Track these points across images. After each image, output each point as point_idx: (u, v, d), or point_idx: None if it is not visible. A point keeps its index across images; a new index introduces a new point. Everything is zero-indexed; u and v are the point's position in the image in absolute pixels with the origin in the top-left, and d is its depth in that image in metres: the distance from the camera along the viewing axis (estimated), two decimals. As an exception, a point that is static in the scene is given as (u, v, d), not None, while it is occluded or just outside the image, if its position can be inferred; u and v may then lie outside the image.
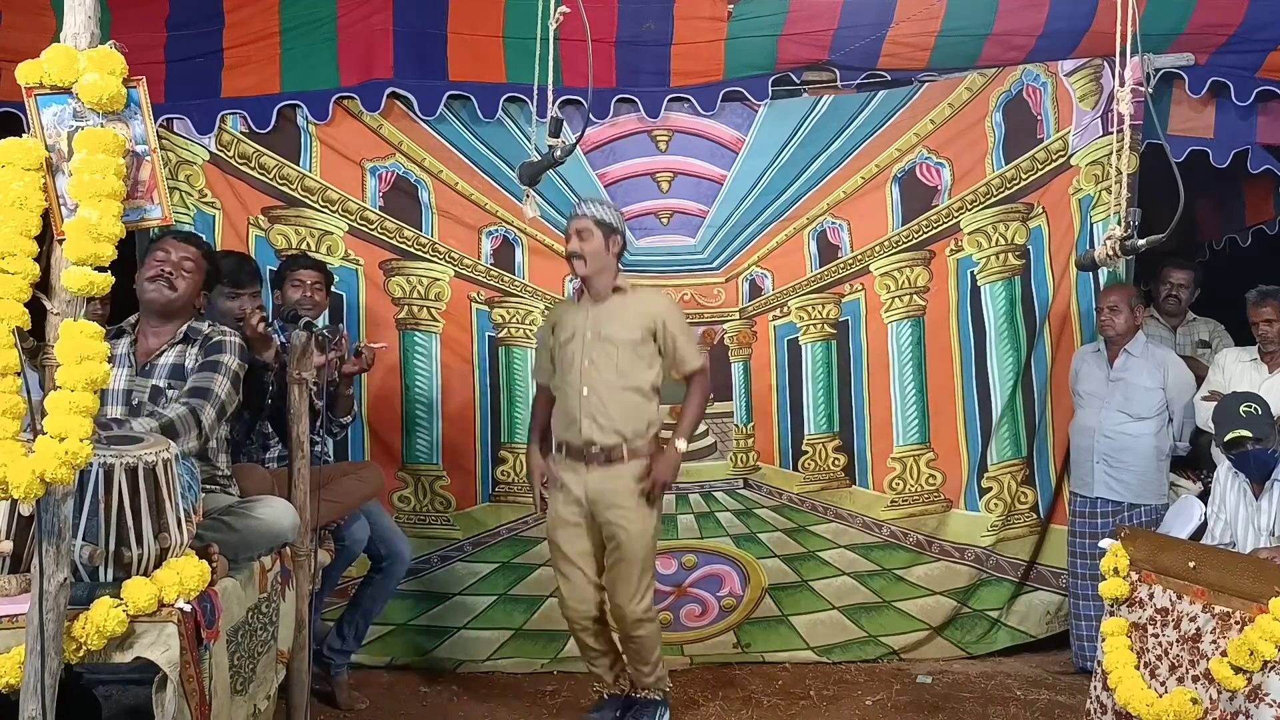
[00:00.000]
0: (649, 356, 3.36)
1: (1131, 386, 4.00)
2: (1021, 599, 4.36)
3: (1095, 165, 4.20)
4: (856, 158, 4.23)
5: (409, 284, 4.18)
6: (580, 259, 3.31)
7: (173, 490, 2.19)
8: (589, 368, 3.31)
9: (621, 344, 3.31)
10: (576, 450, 3.34)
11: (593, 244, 3.30)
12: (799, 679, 4.07)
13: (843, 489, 4.31)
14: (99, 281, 1.89)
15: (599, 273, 3.35)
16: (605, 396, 3.30)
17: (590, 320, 3.35)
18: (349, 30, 3.94)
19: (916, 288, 4.29)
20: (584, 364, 3.32)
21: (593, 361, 3.31)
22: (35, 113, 1.93)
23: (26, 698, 1.86)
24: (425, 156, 4.13)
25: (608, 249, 3.34)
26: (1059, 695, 3.88)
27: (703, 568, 4.28)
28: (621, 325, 3.33)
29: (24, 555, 2.03)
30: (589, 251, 3.30)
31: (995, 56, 4.16)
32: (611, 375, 3.30)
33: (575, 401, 3.33)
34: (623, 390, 3.31)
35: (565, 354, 3.37)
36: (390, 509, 4.07)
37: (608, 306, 3.37)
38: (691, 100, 4.14)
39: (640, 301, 3.41)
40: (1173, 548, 2.97)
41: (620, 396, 3.30)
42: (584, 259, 3.31)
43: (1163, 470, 4.04)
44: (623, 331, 3.32)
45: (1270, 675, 2.53)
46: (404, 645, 4.14)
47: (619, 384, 3.30)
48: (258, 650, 2.56)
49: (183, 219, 3.94)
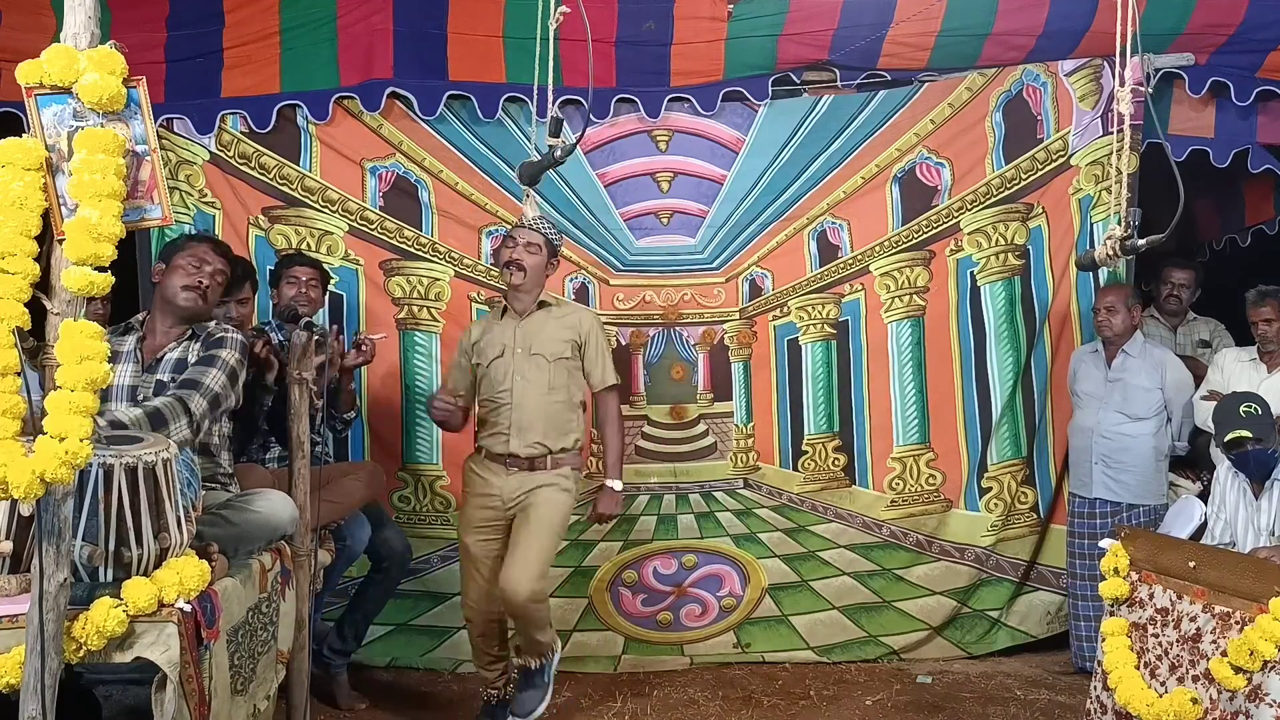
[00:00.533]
0: (575, 370, 3.43)
1: (1129, 387, 4.00)
2: (1022, 599, 4.36)
3: (1095, 165, 4.20)
4: (856, 158, 4.23)
5: (409, 284, 4.18)
6: (521, 270, 3.34)
7: (172, 490, 2.19)
8: (520, 383, 3.35)
9: (552, 359, 3.37)
10: (499, 457, 3.38)
11: (537, 260, 3.37)
12: (799, 679, 4.07)
13: (843, 489, 4.31)
14: (99, 281, 1.89)
15: (531, 289, 3.40)
16: (534, 411, 3.34)
17: (519, 336, 3.39)
18: (349, 30, 3.94)
19: (916, 288, 4.29)
20: (515, 380, 3.35)
21: (524, 377, 3.35)
22: (35, 113, 1.92)
23: (26, 698, 1.86)
24: (425, 156, 4.13)
25: (545, 269, 3.44)
26: (1059, 695, 3.87)
27: (703, 568, 4.28)
28: (550, 340, 3.38)
29: (24, 555, 2.03)
30: (531, 265, 3.35)
31: (995, 56, 4.16)
32: (542, 390, 3.35)
33: (505, 415, 3.37)
34: (552, 404, 3.36)
35: (493, 369, 3.40)
36: (390, 509, 4.07)
37: (535, 321, 3.41)
38: (691, 100, 4.14)
39: (565, 316, 3.46)
40: (1173, 548, 2.97)
41: (549, 410, 3.36)
42: (525, 271, 3.35)
43: (1161, 470, 4.04)
44: (551, 346, 3.37)
45: (1270, 675, 2.53)
46: (404, 645, 4.14)
47: (549, 399, 3.35)
48: (258, 650, 2.56)
49: (183, 219, 3.95)
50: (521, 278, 3.35)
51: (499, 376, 3.39)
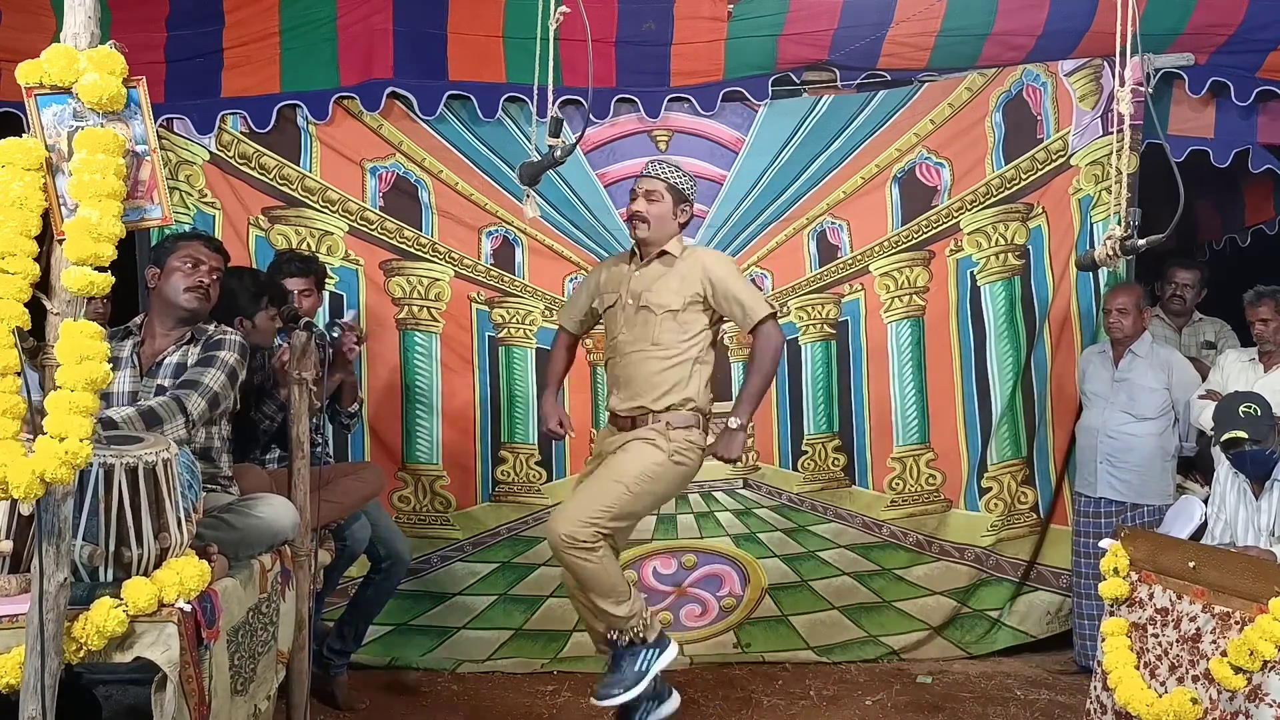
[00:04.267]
0: (693, 323, 3.11)
1: (1136, 387, 4.00)
2: (1021, 599, 4.37)
3: (1095, 165, 4.20)
4: (856, 158, 4.23)
5: (409, 284, 4.18)
6: (644, 222, 3.11)
7: (173, 490, 2.19)
8: (624, 337, 3.14)
9: (659, 312, 3.09)
10: (614, 418, 3.20)
11: (660, 208, 3.12)
12: (799, 679, 4.07)
13: (842, 489, 4.32)
14: (99, 281, 1.89)
15: (659, 239, 3.15)
16: (635, 368, 3.11)
17: (631, 287, 3.16)
18: (349, 30, 3.94)
19: (916, 288, 4.29)
20: (621, 333, 3.16)
21: (630, 330, 3.13)
22: (35, 113, 1.92)
23: (26, 698, 1.85)
24: (425, 156, 4.13)
25: (675, 215, 3.15)
26: (1059, 695, 3.88)
27: (703, 568, 4.28)
28: (662, 292, 3.10)
29: (24, 555, 2.03)
30: (655, 215, 3.11)
31: (995, 56, 4.16)
32: (645, 346, 3.10)
33: (612, 368, 3.20)
34: (656, 361, 3.08)
35: (608, 318, 3.23)
36: (390, 509, 4.08)
37: (650, 273, 3.16)
38: (691, 100, 4.14)
39: (683, 265, 3.14)
40: (1173, 548, 2.97)
41: (652, 368, 3.09)
42: (648, 222, 3.11)
43: (1167, 471, 4.04)
44: (662, 297, 3.09)
45: (1270, 675, 2.53)
46: (404, 645, 4.14)
47: (652, 355, 3.09)
48: (258, 650, 2.56)
49: (183, 219, 3.95)
50: (646, 229, 3.12)
51: (612, 327, 3.20)
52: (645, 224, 3.12)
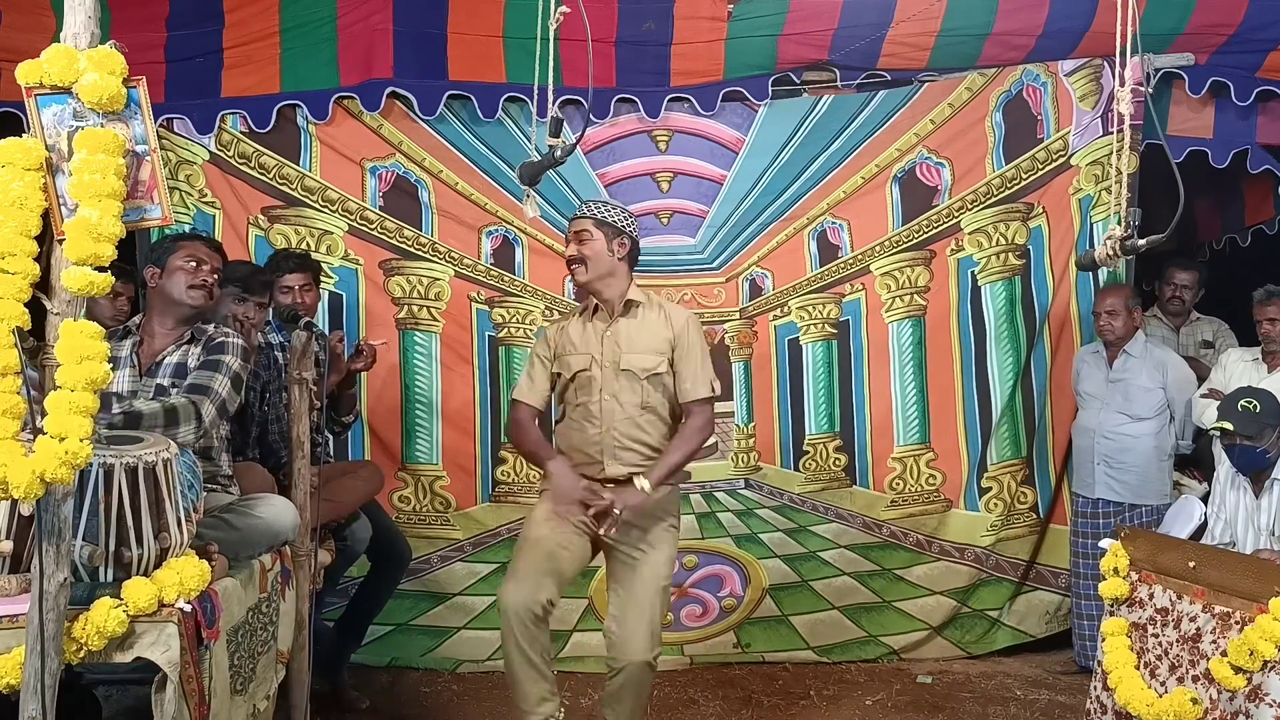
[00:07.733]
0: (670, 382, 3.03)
1: (1131, 387, 4.00)
2: (1021, 599, 4.37)
3: (1095, 165, 4.20)
4: (856, 158, 4.23)
5: (409, 284, 4.18)
6: (580, 264, 2.99)
7: (173, 490, 2.19)
8: (609, 403, 2.98)
9: (643, 375, 2.98)
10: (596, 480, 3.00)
11: (593, 247, 2.99)
12: (799, 679, 4.07)
13: (843, 489, 4.31)
14: (99, 281, 1.89)
15: (604, 280, 3.01)
16: (627, 434, 2.98)
17: (607, 348, 3.00)
18: (349, 30, 3.94)
19: (917, 288, 4.29)
20: (604, 399, 2.98)
21: (614, 396, 2.98)
22: (35, 113, 1.92)
23: (26, 698, 1.85)
24: (425, 156, 4.13)
25: (611, 252, 3.00)
26: (1059, 695, 3.88)
27: (703, 568, 4.28)
28: (640, 354, 2.99)
29: (24, 555, 2.03)
30: (590, 255, 2.98)
31: (995, 56, 4.16)
32: (635, 410, 2.98)
33: (595, 438, 2.99)
34: (648, 424, 3.00)
35: (579, 382, 3.03)
36: (390, 509, 4.07)
37: (623, 330, 3.02)
38: (691, 100, 4.14)
39: (654, 320, 3.04)
40: (1173, 548, 2.97)
41: (645, 431, 3.00)
42: (584, 263, 2.98)
43: (1164, 470, 4.04)
44: (642, 361, 2.98)
45: (1270, 675, 2.53)
46: (404, 645, 4.14)
47: (644, 419, 2.99)
48: (258, 650, 2.56)
49: (183, 219, 3.95)
50: (584, 271, 2.99)
51: (586, 393, 3.01)
52: (582, 265, 2.99)
